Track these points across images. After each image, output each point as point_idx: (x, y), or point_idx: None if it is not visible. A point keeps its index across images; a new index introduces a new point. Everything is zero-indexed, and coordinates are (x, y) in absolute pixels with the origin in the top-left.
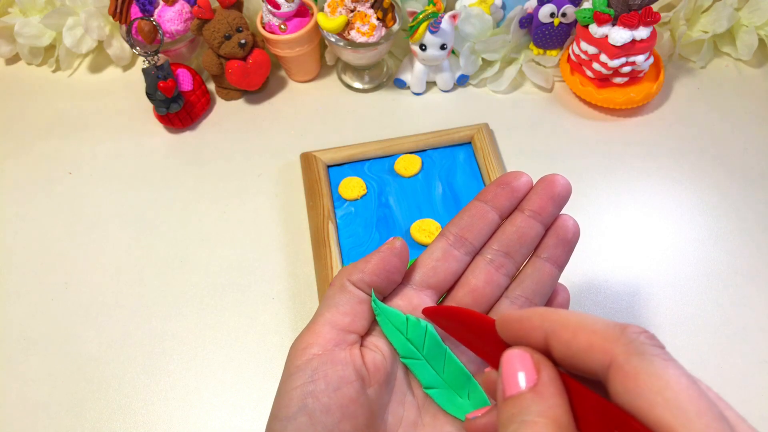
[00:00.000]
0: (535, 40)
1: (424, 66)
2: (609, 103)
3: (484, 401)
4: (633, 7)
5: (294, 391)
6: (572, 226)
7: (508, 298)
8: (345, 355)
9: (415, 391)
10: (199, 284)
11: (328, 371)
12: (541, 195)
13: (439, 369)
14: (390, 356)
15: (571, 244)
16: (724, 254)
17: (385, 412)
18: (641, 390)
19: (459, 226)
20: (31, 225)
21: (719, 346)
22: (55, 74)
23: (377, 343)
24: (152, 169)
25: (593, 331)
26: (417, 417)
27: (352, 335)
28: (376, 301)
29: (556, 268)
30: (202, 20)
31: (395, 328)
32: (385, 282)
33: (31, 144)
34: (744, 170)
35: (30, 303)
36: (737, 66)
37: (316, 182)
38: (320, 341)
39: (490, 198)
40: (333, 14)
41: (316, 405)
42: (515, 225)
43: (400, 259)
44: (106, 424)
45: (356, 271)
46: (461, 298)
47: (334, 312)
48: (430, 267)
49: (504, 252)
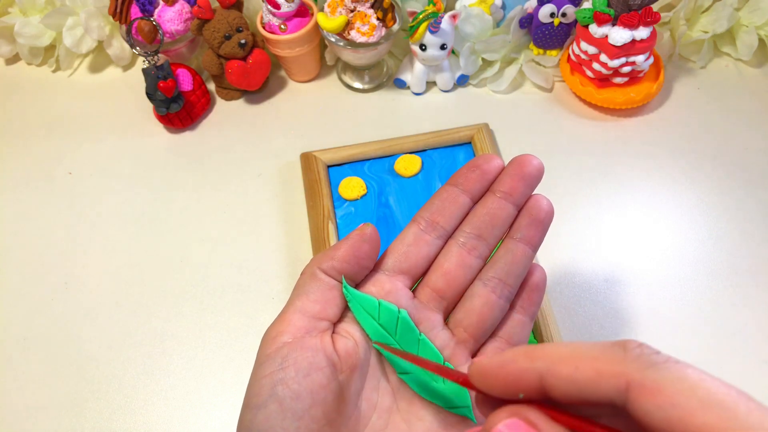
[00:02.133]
0: (535, 40)
1: (424, 66)
2: (609, 103)
3: (458, 386)
4: (633, 7)
5: (264, 379)
6: (545, 206)
7: (481, 280)
8: (315, 341)
9: (390, 377)
10: (199, 284)
11: (297, 358)
12: (512, 176)
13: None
14: (363, 342)
15: (544, 224)
16: (724, 254)
17: (359, 399)
18: (674, 400)
19: (430, 211)
20: (31, 225)
21: (719, 346)
22: (55, 74)
23: (349, 329)
24: (152, 169)
25: (595, 357)
26: (392, 403)
27: (323, 322)
28: (347, 286)
29: (529, 248)
30: (202, 20)
31: (367, 313)
32: (356, 268)
33: (31, 144)
34: (744, 170)
35: (30, 303)
36: (737, 66)
37: (316, 182)
38: (290, 329)
39: (461, 181)
40: (333, 14)
41: (285, 392)
42: (486, 207)
43: (371, 245)
44: (106, 424)
45: (326, 259)
46: (434, 282)
47: (305, 300)
48: (401, 252)
49: (476, 234)
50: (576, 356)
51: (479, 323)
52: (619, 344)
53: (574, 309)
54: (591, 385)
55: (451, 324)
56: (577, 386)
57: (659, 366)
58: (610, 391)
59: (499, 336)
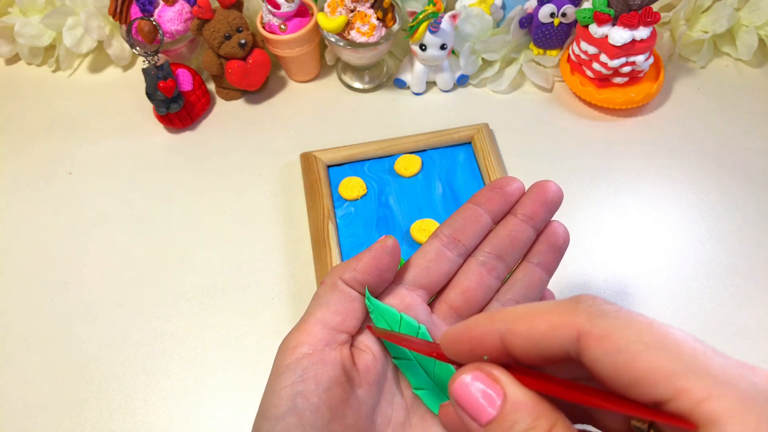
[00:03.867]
0: (535, 40)
1: (424, 66)
2: (609, 103)
3: None
4: (633, 7)
5: (283, 390)
6: (563, 233)
7: (499, 301)
8: (335, 355)
9: (404, 392)
10: (199, 284)
11: (318, 371)
12: (534, 200)
13: (429, 370)
14: (380, 356)
15: (561, 251)
16: (724, 254)
17: (375, 413)
18: (619, 344)
19: (452, 228)
20: (31, 225)
21: (719, 346)
22: (55, 74)
23: (368, 342)
24: (152, 169)
25: (549, 312)
26: (405, 418)
27: (342, 335)
28: (370, 298)
29: (545, 273)
30: (202, 20)
31: (388, 326)
32: (377, 280)
33: (31, 144)
34: (744, 170)
35: (30, 303)
36: (737, 66)
37: (316, 182)
38: (311, 340)
39: (483, 201)
40: (333, 14)
41: (305, 405)
42: (508, 229)
43: (392, 257)
44: (106, 424)
45: (348, 270)
46: (453, 299)
47: (326, 311)
48: (422, 267)
49: (496, 255)
50: (532, 313)
51: None
52: (572, 299)
53: None
54: (546, 338)
55: None
56: (533, 341)
57: (608, 314)
58: (564, 343)
59: None
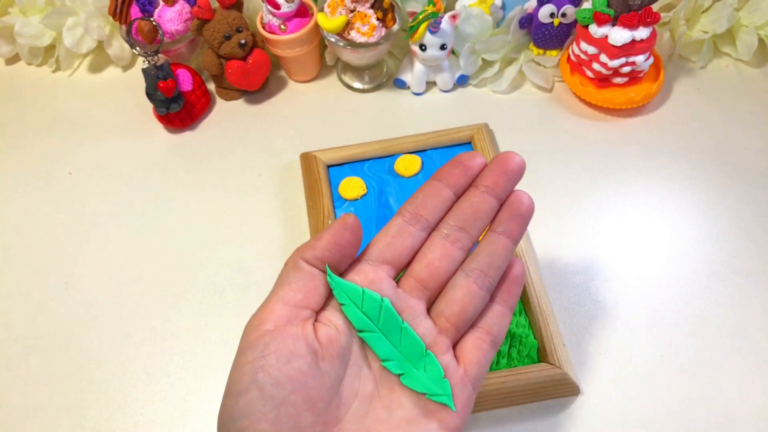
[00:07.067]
0: (535, 40)
1: (424, 66)
2: (609, 103)
3: (439, 374)
4: (633, 7)
5: (245, 366)
6: (526, 200)
7: (464, 272)
8: (296, 330)
9: (372, 364)
10: (199, 284)
11: (279, 345)
12: (495, 171)
13: (396, 342)
14: (345, 330)
15: (525, 218)
16: (724, 254)
17: (340, 385)
18: None
19: (414, 204)
20: (31, 225)
21: (719, 346)
22: (55, 74)
23: (331, 317)
24: (152, 169)
25: None
26: (374, 390)
27: (305, 311)
28: (331, 275)
29: (510, 241)
30: (202, 20)
31: (351, 301)
32: (338, 257)
33: (31, 144)
34: (744, 170)
35: (30, 303)
36: (737, 66)
37: (316, 182)
38: (273, 318)
39: (445, 176)
40: (333, 14)
41: (266, 379)
42: (470, 200)
43: (353, 234)
44: (106, 424)
45: (308, 249)
46: (418, 272)
47: (287, 289)
48: (385, 243)
49: (459, 227)
50: None
51: (461, 313)
52: None
53: (574, 309)
54: None
55: (433, 314)
56: None
57: None
58: None
59: (480, 326)
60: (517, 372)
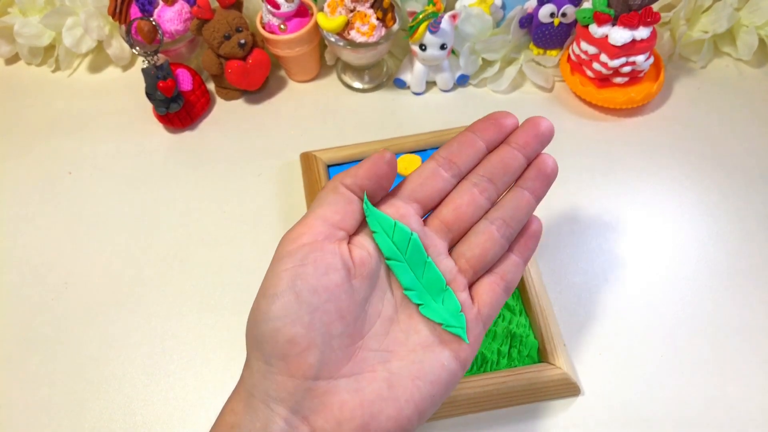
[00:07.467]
0: (535, 40)
1: (424, 66)
2: (609, 103)
3: (456, 308)
4: (633, 7)
5: (284, 272)
6: (552, 163)
7: (488, 219)
8: (334, 246)
9: (395, 291)
10: (199, 284)
11: (317, 257)
12: (527, 132)
13: (419, 274)
14: (375, 255)
15: (549, 179)
16: (724, 254)
17: (366, 305)
18: None
19: (449, 151)
20: (31, 225)
21: (719, 346)
22: (55, 74)
23: (364, 242)
24: (152, 169)
25: None
26: (394, 314)
27: (341, 231)
28: (367, 203)
29: (534, 198)
30: (201, 20)
31: (383, 230)
32: (375, 186)
33: (31, 144)
34: (744, 170)
35: (30, 303)
36: (737, 66)
37: (316, 182)
38: (311, 232)
39: (479, 129)
40: (333, 14)
41: (303, 286)
42: (501, 155)
43: (389, 167)
44: (106, 424)
45: (349, 176)
46: (445, 214)
47: (326, 209)
48: (418, 183)
49: (488, 178)
50: None
51: (481, 256)
52: None
53: (574, 309)
54: None
55: (454, 255)
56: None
57: None
58: None
59: (495, 272)
60: (517, 372)
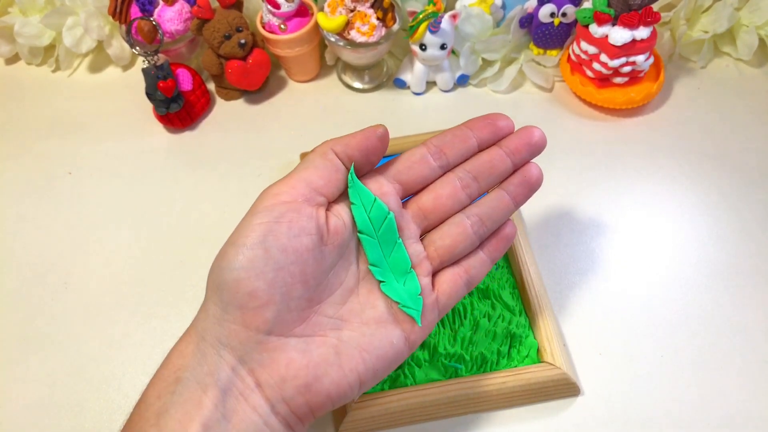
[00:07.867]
0: (535, 40)
1: (424, 66)
2: (609, 103)
3: (416, 291)
4: (633, 7)
5: (258, 225)
6: (537, 173)
7: (465, 214)
8: (311, 210)
9: (360, 265)
10: (199, 284)
11: (293, 218)
12: (520, 139)
13: (387, 253)
14: (349, 226)
15: (532, 188)
16: (724, 254)
17: (331, 272)
18: None
19: (442, 141)
20: (31, 225)
21: (720, 346)
22: (55, 74)
23: (341, 212)
24: (152, 169)
25: None
26: (355, 286)
27: (321, 197)
28: (353, 174)
29: (513, 203)
30: (201, 20)
31: (362, 203)
32: (364, 159)
33: (31, 144)
34: (744, 170)
35: (30, 303)
36: (737, 66)
37: None
38: (292, 192)
39: (475, 127)
40: (333, 14)
41: (274, 243)
42: (490, 156)
43: (381, 142)
44: (106, 424)
45: (340, 143)
46: (424, 201)
47: (312, 172)
48: (405, 165)
49: (473, 175)
50: None
51: (450, 247)
52: None
53: (574, 309)
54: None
55: (425, 241)
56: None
57: None
58: None
59: (461, 265)
60: (517, 372)
